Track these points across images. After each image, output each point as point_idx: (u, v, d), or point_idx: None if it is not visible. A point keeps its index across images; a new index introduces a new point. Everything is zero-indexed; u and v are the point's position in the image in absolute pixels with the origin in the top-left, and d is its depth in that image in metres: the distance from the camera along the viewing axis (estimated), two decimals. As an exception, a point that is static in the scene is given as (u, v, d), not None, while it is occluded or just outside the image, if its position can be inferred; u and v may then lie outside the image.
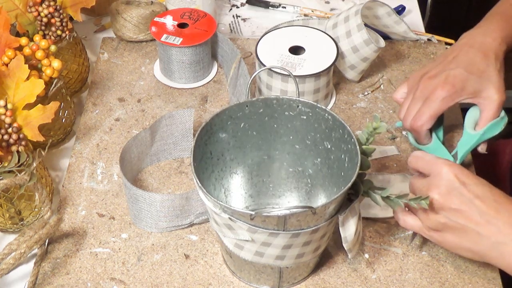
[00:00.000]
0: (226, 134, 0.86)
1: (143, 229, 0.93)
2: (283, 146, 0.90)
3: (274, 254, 0.79)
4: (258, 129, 0.88)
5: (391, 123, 1.07)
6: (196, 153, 0.81)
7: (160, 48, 1.13)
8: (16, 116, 0.91)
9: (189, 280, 0.88)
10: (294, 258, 0.80)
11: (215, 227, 0.80)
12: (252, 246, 0.79)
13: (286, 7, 1.32)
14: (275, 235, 0.76)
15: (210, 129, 0.84)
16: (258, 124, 0.87)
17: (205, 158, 0.85)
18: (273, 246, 0.77)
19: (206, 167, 0.86)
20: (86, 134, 1.07)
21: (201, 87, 1.15)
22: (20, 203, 0.91)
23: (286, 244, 0.77)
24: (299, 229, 0.75)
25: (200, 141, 0.82)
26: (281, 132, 0.88)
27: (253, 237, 0.77)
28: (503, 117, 0.94)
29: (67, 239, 0.92)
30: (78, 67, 1.12)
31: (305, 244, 0.78)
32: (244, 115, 0.85)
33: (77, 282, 0.88)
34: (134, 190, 0.90)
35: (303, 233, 0.76)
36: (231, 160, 0.90)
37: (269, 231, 0.75)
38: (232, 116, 0.85)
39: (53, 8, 1.04)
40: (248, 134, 0.88)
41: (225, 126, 0.85)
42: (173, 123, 1.00)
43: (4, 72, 0.92)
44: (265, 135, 0.88)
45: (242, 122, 0.86)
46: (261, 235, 0.76)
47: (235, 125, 0.86)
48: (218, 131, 0.85)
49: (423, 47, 1.20)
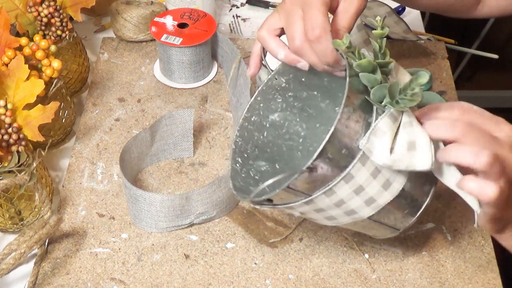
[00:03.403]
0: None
1: (143, 229, 0.93)
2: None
3: (340, 213, 0.73)
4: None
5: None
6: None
7: (160, 48, 1.13)
8: (16, 116, 0.91)
9: (189, 280, 0.88)
10: (367, 206, 0.72)
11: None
12: (314, 215, 0.74)
13: (286, 7, 1.31)
14: (311, 202, 0.71)
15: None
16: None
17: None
18: (327, 208, 0.72)
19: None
20: (86, 134, 1.07)
21: (201, 87, 1.15)
22: (20, 203, 0.91)
23: (336, 202, 0.71)
24: (327, 185, 0.70)
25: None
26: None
27: (300, 211, 0.73)
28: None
29: (67, 239, 0.92)
30: (78, 67, 1.12)
31: (358, 191, 0.71)
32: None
33: (77, 282, 0.88)
34: (134, 190, 0.90)
35: (338, 186, 0.70)
36: None
37: (302, 201, 0.71)
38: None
39: (53, 8, 1.04)
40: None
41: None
42: (173, 123, 1.00)
43: (4, 72, 0.92)
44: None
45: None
46: (301, 207, 0.72)
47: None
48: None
49: (423, 47, 1.20)
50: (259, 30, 0.80)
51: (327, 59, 0.73)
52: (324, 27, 0.72)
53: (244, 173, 0.80)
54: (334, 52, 0.73)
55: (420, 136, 0.69)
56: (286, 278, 0.88)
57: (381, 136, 0.68)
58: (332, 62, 0.73)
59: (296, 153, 0.85)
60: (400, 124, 0.70)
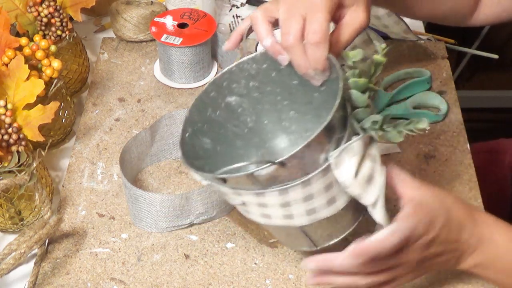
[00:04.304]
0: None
1: (143, 229, 0.93)
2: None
3: (278, 214, 0.74)
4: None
5: (391, 123, 1.07)
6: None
7: (160, 48, 1.13)
8: (16, 116, 0.91)
9: (189, 280, 0.88)
10: (306, 216, 0.74)
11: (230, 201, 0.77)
12: (253, 208, 0.75)
13: (286, 7, 1.31)
14: (261, 194, 0.71)
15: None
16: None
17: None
18: (270, 206, 0.73)
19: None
20: (86, 134, 1.07)
21: (201, 87, 1.15)
22: (20, 203, 0.91)
23: (283, 202, 0.72)
24: (285, 184, 0.70)
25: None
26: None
27: (244, 200, 0.73)
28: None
29: (67, 239, 0.92)
30: (78, 67, 1.12)
31: (307, 199, 0.72)
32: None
33: (77, 282, 0.88)
34: (134, 190, 0.90)
35: (294, 188, 0.71)
36: None
37: (253, 191, 0.71)
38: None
39: (53, 8, 1.04)
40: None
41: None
42: (173, 123, 1.00)
43: (4, 72, 0.92)
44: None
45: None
46: (249, 197, 0.72)
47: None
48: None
49: (423, 47, 1.20)
50: (254, 11, 0.79)
51: (317, 65, 0.74)
52: (325, 34, 0.73)
53: (191, 145, 0.80)
54: (327, 61, 0.74)
55: (378, 174, 0.72)
56: (286, 278, 0.88)
57: (351, 156, 0.71)
58: (321, 69, 0.75)
59: (237, 142, 0.86)
60: (367, 152, 0.73)
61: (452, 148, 1.03)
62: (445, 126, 1.06)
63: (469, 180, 0.99)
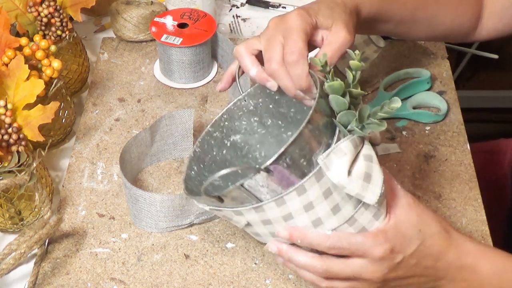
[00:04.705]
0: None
1: (143, 229, 0.93)
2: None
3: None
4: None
5: (391, 124, 1.07)
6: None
7: (160, 48, 1.13)
8: (16, 116, 0.91)
9: (189, 280, 0.88)
10: (313, 227, 0.73)
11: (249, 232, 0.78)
12: (259, 228, 0.74)
13: (286, 7, 1.32)
14: (260, 209, 0.71)
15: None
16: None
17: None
18: (275, 221, 0.73)
19: None
20: (86, 134, 1.07)
21: (201, 87, 1.15)
22: (20, 203, 0.91)
23: (284, 215, 0.72)
24: (278, 194, 0.70)
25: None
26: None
27: (248, 219, 0.73)
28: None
29: (67, 239, 0.92)
30: (78, 67, 1.12)
31: (308, 208, 0.71)
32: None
33: (77, 282, 0.88)
34: (134, 190, 0.90)
35: (290, 197, 0.70)
36: None
37: (251, 206, 0.71)
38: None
39: (53, 8, 1.04)
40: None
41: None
42: (173, 123, 1.00)
43: (4, 72, 0.92)
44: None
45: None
46: (250, 214, 0.72)
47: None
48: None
49: (423, 47, 1.20)
50: (237, 46, 0.83)
51: (301, 83, 0.77)
52: (302, 52, 0.77)
53: (198, 181, 0.81)
54: (309, 78, 0.77)
55: (376, 173, 0.72)
56: (286, 278, 0.88)
57: (341, 156, 0.71)
58: (305, 86, 0.77)
59: None
60: (360, 152, 0.73)
61: (452, 148, 1.03)
62: (445, 126, 1.06)
63: (469, 180, 0.99)
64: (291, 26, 0.78)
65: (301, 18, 0.79)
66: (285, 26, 0.79)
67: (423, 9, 0.96)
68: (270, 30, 0.80)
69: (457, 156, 1.02)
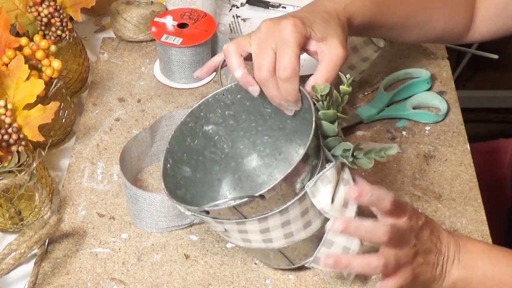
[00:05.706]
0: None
1: (143, 229, 0.93)
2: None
3: (258, 239, 0.79)
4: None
5: (391, 124, 1.07)
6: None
7: (160, 48, 1.13)
8: (16, 116, 0.91)
9: (189, 280, 0.88)
10: (284, 239, 0.79)
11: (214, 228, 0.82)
12: (234, 234, 0.79)
13: (286, 7, 1.32)
14: (242, 223, 0.76)
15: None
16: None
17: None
18: (251, 232, 0.77)
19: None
20: (86, 134, 1.07)
21: (201, 87, 1.15)
22: (20, 203, 0.91)
23: (262, 229, 0.77)
24: (262, 214, 0.75)
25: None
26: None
27: (225, 228, 0.78)
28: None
29: (67, 239, 0.92)
30: (78, 67, 1.12)
31: (284, 224, 0.77)
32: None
33: (77, 282, 0.88)
34: (134, 190, 0.90)
35: (272, 216, 0.76)
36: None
37: (235, 221, 0.76)
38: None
39: (53, 8, 1.04)
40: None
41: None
42: (173, 123, 1.00)
43: (4, 72, 0.92)
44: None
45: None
46: (230, 225, 0.77)
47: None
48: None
49: (423, 47, 1.20)
50: (227, 44, 0.83)
51: (289, 97, 0.79)
52: (295, 69, 0.78)
53: (172, 175, 0.84)
54: (298, 94, 0.79)
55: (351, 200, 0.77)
56: (286, 278, 0.88)
57: (326, 183, 0.76)
58: (293, 101, 0.79)
59: (215, 167, 0.90)
60: (340, 178, 0.78)
61: (452, 148, 1.03)
62: (445, 126, 1.06)
63: (469, 180, 0.99)
64: (285, 38, 0.78)
65: (296, 29, 0.79)
66: (279, 36, 0.79)
67: (415, 15, 0.97)
68: (263, 34, 0.80)
69: (457, 156, 1.02)
